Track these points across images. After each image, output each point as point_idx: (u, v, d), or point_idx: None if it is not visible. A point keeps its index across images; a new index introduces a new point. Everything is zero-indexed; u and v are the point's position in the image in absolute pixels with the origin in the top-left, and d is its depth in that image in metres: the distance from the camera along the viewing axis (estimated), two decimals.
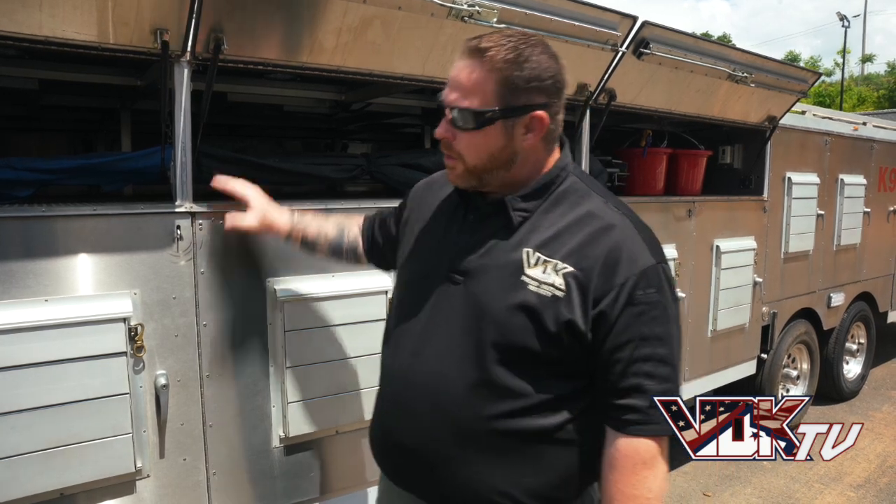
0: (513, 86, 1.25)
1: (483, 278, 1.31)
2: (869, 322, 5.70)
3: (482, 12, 2.26)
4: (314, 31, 2.05)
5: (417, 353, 1.37)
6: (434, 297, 1.37)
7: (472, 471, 1.32)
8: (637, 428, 1.26)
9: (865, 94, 32.51)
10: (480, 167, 1.31)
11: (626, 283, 1.24)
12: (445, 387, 1.32)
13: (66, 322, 1.72)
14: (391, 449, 1.45)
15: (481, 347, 1.29)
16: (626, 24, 2.79)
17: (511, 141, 1.30)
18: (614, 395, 1.27)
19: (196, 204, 1.95)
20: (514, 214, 1.33)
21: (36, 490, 1.73)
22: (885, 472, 4.28)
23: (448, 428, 1.32)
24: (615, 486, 1.27)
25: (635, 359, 1.25)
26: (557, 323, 1.25)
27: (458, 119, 1.28)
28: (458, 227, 1.41)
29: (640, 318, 1.25)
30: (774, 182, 4.17)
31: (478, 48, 1.26)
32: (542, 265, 1.27)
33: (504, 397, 1.28)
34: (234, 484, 2.09)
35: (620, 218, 1.32)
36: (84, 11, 1.69)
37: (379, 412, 1.52)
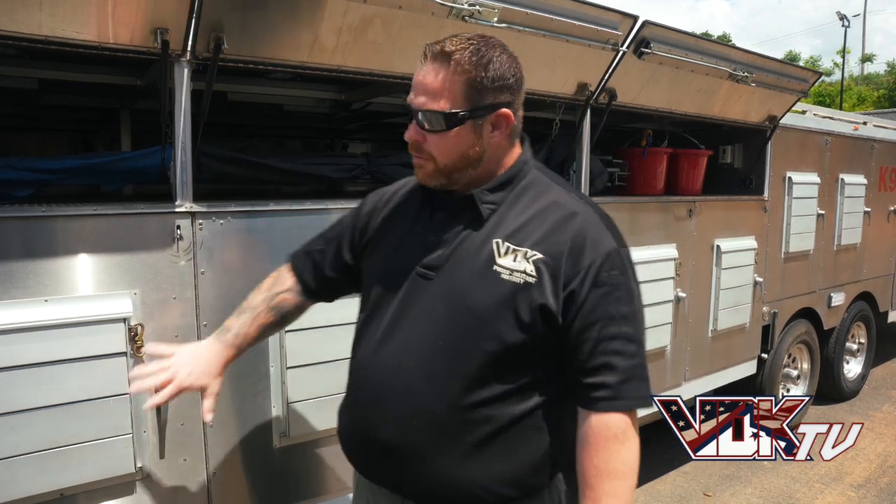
0: (480, 86, 1.30)
1: (456, 271, 1.35)
2: (869, 322, 5.69)
3: (483, 12, 2.26)
4: (314, 31, 2.04)
5: (389, 349, 1.39)
6: (403, 293, 1.40)
7: (446, 462, 1.34)
8: (608, 404, 1.30)
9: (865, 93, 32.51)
10: (451, 166, 1.35)
11: (592, 265, 1.30)
12: (419, 380, 1.35)
13: (66, 322, 1.72)
14: (365, 445, 1.45)
15: (457, 339, 1.32)
16: (627, 24, 2.78)
17: (479, 139, 1.34)
18: (585, 374, 1.32)
19: (196, 204, 1.95)
20: (483, 207, 1.37)
21: (36, 490, 1.73)
22: (885, 472, 4.27)
23: (423, 421, 1.34)
24: (590, 461, 1.31)
25: (603, 337, 1.30)
26: (531, 308, 1.30)
27: (428, 121, 1.32)
28: (424, 226, 1.44)
29: (606, 299, 1.30)
30: (775, 182, 4.16)
31: (443, 51, 1.29)
32: (512, 254, 1.32)
33: (478, 387, 1.32)
34: (234, 484, 2.09)
35: (583, 206, 1.38)
36: (84, 11, 1.69)
37: (350, 409, 1.52)
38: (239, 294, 2.02)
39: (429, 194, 1.45)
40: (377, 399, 1.40)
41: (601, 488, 1.29)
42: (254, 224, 2.06)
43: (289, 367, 2.12)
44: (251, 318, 1.64)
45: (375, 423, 1.40)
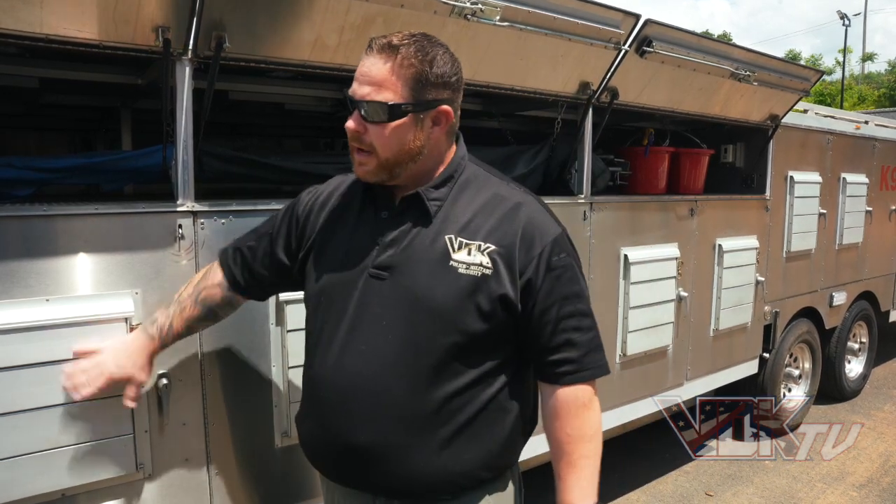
0: (424, 81, 1.33)
1: (411, 270, 1.37)
2: (871, 321, 5.69)
3: (485, 10, 2.25)
4: (316, 29, 2.04)
5: (350, 354, 1.40)
6: (358, 296, 1.40)
7: (422, 456, 1.38)
8: (573, 377, 1.41)
9: (866, 92, 32.50)
10: (392, 160, 1.37)
11: (543, 251, 1.38)
12: (387, 380, 1.37)
13: (67, 322, 1.72)
14: (335, 450, 1.45)
15: (420, 336, 1.35)
16: (629, 23, 2.78)
17: (420, 133, 1.37)
18: (549, 353, 1.41)
19: (198, 203, 1.94)
20: (430, 204, 1.40)
21: (38, 490, 1.72)
22: (887, 472, 4.27)
23: (394, 420, 1.37)
24: (562, 430, 1.42)
25: (561, 316, 1.39)
26: (491, 299, 1.35)
27: (371, 112, 1.33)
28: (369, 226, 1.45)
29: (559, 281, 1.39)
30: (777, 181, 4.16)
31: (390, 45, 1.32)
32: (465, 248, 1.36)
33: (446, 379, 1.36)
34: (236, 484, 2.08)
35: (524, 196, 1.45)
36: (85, 9, 1.68)
37: (313, 417, 1.51)
38: None
39: (371, 195, 1.47)
40: (344, 404, 1.41)
41: (576, 452, 1.41)
42: (255, 223, 2.04)
43: (290, 367, 2.11)
44: (178, 312, 1.69)
45: (345, 427, 1.41)
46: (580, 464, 1.41)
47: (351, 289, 1.42)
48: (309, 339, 1.54)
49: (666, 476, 4.13)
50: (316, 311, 1.50)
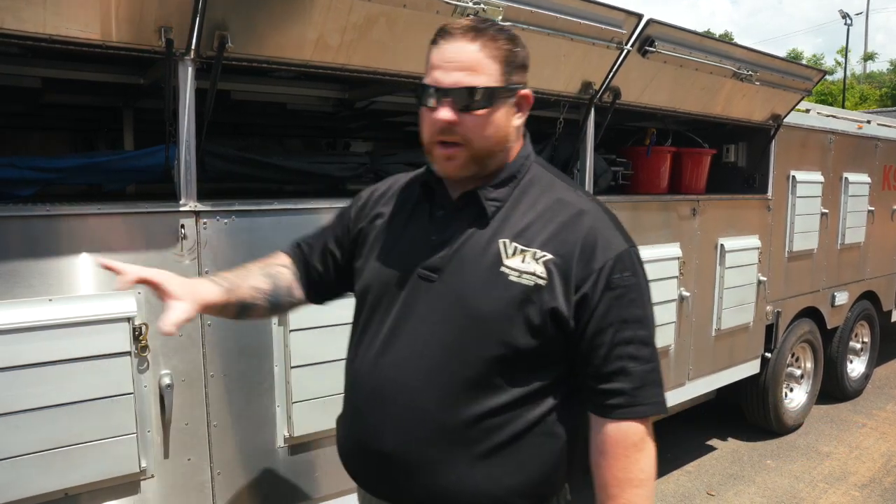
0: (512, 63, 1.26)
1: (460, 273, 1.28)
2: (873, 321, 5.68)
3: (488, 10, 2.25)
4: (319, 29, 2.04)
5: (390, 356, 1.32)
6: (404, 297, 1.33)
7: (454, 473, 1.28)
8: (624, 411, 1.26)
9: (867, 92, 32.45)
10: (486, 151, 1.28)
11: (604, 267, 1.25)
12: (424, 388, 1.28)
13: (70, 322, 1.72)
14: (366, 457, 1.38)
15: (463, 344, 1.26)
16: (632, 22, 2.78)
17: (510, 121, 1.30)
18: (598, 381, 1.27)
19: (200, 203, 1.94)
20: (488, 205, 1.31)
21: (40, 490, 1.73)
22: (889, 472, 4.26)
23: (428, 430, 1.28)
24: (608, 471, 1.27)
25: (617, 342, 1.25)
26: (542, 311, 1.24)
27: (465, 99, 1.22)
28: (423, 224, 1.37)
29: (619, 302, 1.26)
30: (778, 181, 4.15)
31: (475, 27, 1.24)
32: (520, 254, 1.26)
33: (486, 395, 1.26)
34: (238, 484, 2.09)
35: (590, 204, 1.33)
36: (88, 9, 1.69)
37: (349, 419, 1.45)
38: None
39: (428, 191, 1.39)
40: (379, 409, 1.33)
41: (622, 497, 1.26)
42: (258, 223, 2.06)
43: (293, 367, 2.11)
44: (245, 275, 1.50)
45: (377, 433, 1.33)
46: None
47: (399, 288, 1.34)
48: (352, 334, 1.47)
49: (668, 475, 4.13)
50: (362, 307, 1.43)
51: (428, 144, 1.30)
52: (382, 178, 2.65)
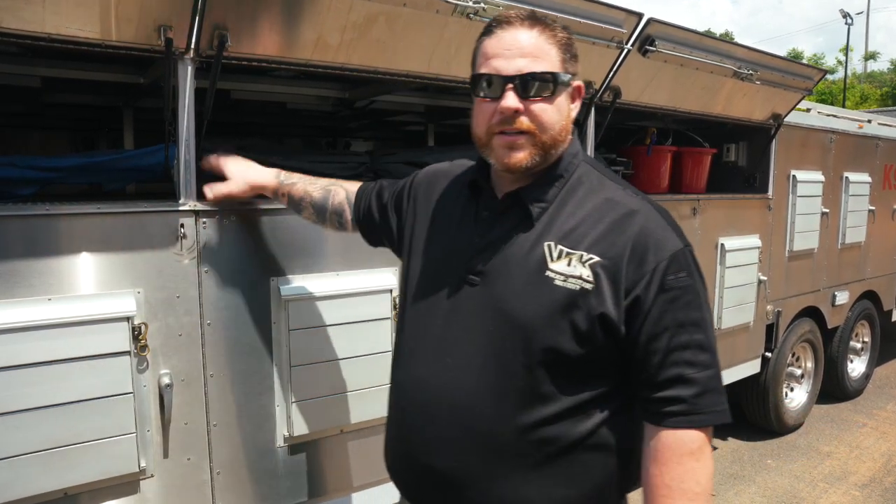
0: (569, 51, 1.25)
1: (504, 278, 1.24)
2: (873, 320, 5.68)
3: (487, 9, 2.24)
4: (318, 28, 2.03)
5: (437, 366, 1.29)
6: (450, 302, 1.29)
7: (505, 487, 1.24)
8: (682, 419, 1.18)
9: (868, 91, 32.43)
10: (551, 139, 1.23)
11: (657, 268, 1.19)
12: (471, 399, 1.24)
13: (69, 321, 1.71)
14: (414, 471, 1.34)
15: (507, 353, 1.22)
16: (632, 22, 2.77)
17: (569, 110, 1.28)
18: (654, 388, 1.20)
19: (200, 202, 1.94)
20: (533, 206, 1.26)
21: (40, 490, 1.72)
22: (890, 472, 4.26)
23: (477, 443, 1.24)
24: (661, 479, 1.19)
25: (673, 347, 1.19)
26: (589, 317, 1.18)
27: (530, 86, 1.19)
28: (470, 225, 1.34)
29: (674, 305, 1.19)
30: (779, 180, 4.15)
31: (531, 15, 1.22)
32: (565, 258, 1.21)
33: (535, 405, 1.21)
34: (238, 483, 2.08)
35: (641, 203, 1.26)
36: (87, 8, 1.68)
37: (395, 432, 1.41)
38: (243, 293, 2.03)
39: (475, 191, 1.37)
40: (428, 424, 1.29)
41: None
42: (258, 222, 2.05)
43: (293, 366, 2.11)
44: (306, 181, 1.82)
45: (427, 449, 1.29)
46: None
47: (444, 293, 1.30)
48: (396, 342, 1.45)
49: None
50: (407, 312, 1.40)
51: (485, 136, 1.26)
52: (382, 177, 2.68)
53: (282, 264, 2.10)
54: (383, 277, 2.28)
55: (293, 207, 1.87)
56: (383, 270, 2.28)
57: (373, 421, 2.31)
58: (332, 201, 1.78)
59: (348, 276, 2.22)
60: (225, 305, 2.00)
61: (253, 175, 1.88)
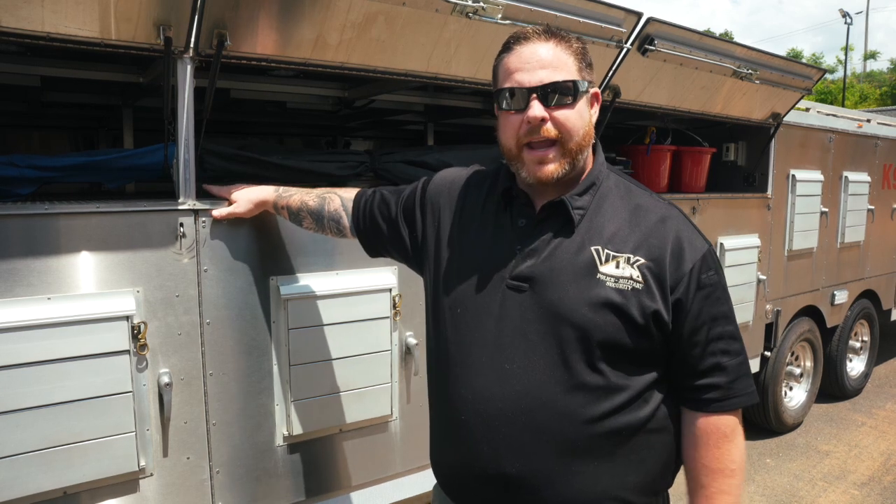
0: (584, 60, 1.32)
1: (554, 283, 1.29)
2: (872, 320, 5.68)
3: (487, 8, 2.25)
4: (318, 28, 2.04)
5: (497, 373, 1.31)
6: (498, 309, 1.33)
7: (580, 482, 1.29)
8: (719, 405, 1.32)
9: (868, 91, 32.43)
10: (577, 145, 1.30)
11: (694, 268, 1.29)
12: (538, 402, 1.28)
13: (69, 320, 1.72)
14: (484, 482, 1.35)
15: (566, 353, 1.27)
16: (631, 21, 2.77)
17: (590, 115, 1.34)
18: (695, 377, 1.32)
19: (199, 201, 1.94)
20: (575, 213, 1.33)
21: (39, 489, 1.73)
22: (889, 471, 4.27)
23: (549, 443, 1.28)
24: (700, 461, 1.33)
25: (711, 338, 1.31)
26: (644, 314, 1.27)
27: (552, 95, 1.26)
28: (506, 232, 1.38)
29: (708, 300, 1.30)
30: (778, 179, 4.15)
31: (546, 29, 1.30)
32: (613, 261, 1.29)
33: (598, 399, 1.28)
34: (237, 482, 2.09)
35: (669, 208, 1.37)
36: (86, 7, 1.68)
37: (456, 445, 1.39)
38: (242, 292, 2.04)
39: (508, 200, 1.40)
40: (493, 433, 1.31)
41: (713, 486, 1.32)
42: (256, 221, 2.05)
43: (292, 365, 2.11)
44: (303, 192, 1.88)
45: (495, 458, 1.31)
46: (717, 499, 1.32)
47: (489, 302, 1.34)
48: (438, 352, 1.44)
49: None
50: (451, 323, 1.40)
51: (515, 148, 1.32)
52: (382, 176, 2.68)
53: (281, 263, 2.11)
54: (383, 276, 2.28)
55: (293, 219, 1.93)
56: (383, 269, 2.29)
57: (372, 420, 2.32)
58: (327, 208, 1.82)
59: (348, 276, 2.22)
60: (224, 304, 2.00)
61: (254, 194, 1.97)
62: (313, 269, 2.16)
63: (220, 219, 1.96)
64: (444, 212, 1.51)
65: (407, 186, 1.66)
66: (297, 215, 1.89)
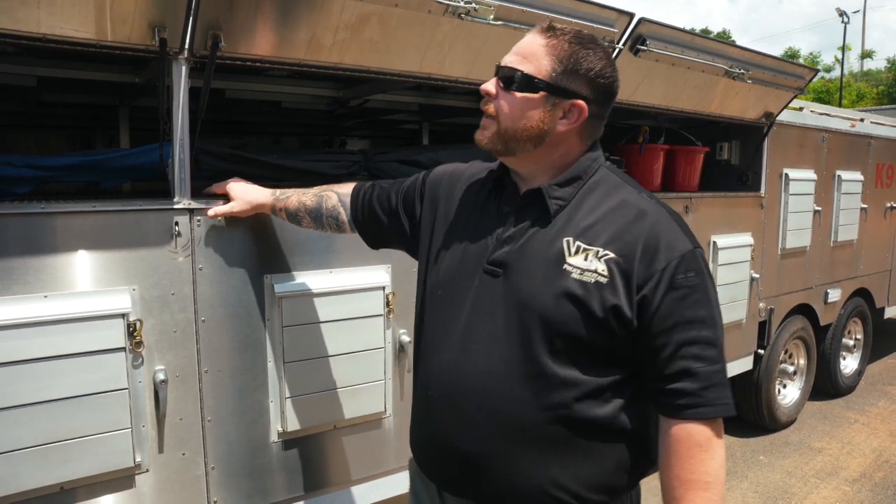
0: (569, 68, 1.30)
1: (524, 270, 1.32)
2: (866, 318, 5.72)
3: (479, 9, 2.27)
4: (312, 28, 2.06)
5: (462, 352, 1.36)
6: (473, 292, 1.37)
7: (529, 467, 1.31)
8: (689, 412, 1.27)
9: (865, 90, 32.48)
10: (511, 133, 1.34)
11: (667, 268, 1.27)
12: (495, 384, 1.31)
13: (65, 318, 1.74)
14: (443, 456, 1.40)
15: (528, 340, 1.29)
16: (623, 21, 2.79)
17: (546, 118, 1.33)
18: (663, 381, 1.28)
19: (194, 200, 1.96)
20: (551, 202, 1.35)
21: (36, 484, 1.75)
22: (880, 467, 4.30)
23: (502, 426, 1.31)
24: (672, 471, 1.29)
25: (682, 342, 1.26)
26: (604, 308, 1.26)
27: (507, 78, 1.32)
28: (491, 219, 1.41)
29: (682, 302, 1.26)
30: (772, 178, 4.18)
31: (551, 26, 1.33)
32: (582, 253, 1.29)
33: (555, 388, 1.29)
34: (232, 478, 2.11)
35: (653, 205, 1.35)
36: (82, 9, 1.70)
37: (423, 418, 1.47)
38: (237, 290, 2.06)
39: (498, 188, 1.44)
40: (454, 409, 1.36)
41: (685, 499, 1.27)
42: (252, 220, 2.08)
43: (287, 362, 2.13)
44: (300, 192, 1.90)
45: (453, 433, 1.36)
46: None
47: (468, 284, 1.38)
48: (419, 332, 1.50)
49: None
50: (431, 304, 1.46)
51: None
52: (377, 175, 2.71)
53: (275, 262, 2.13)
54: (377, 274, 2.30)
55: (291, 220, 1.95)
56: (377, 268, 2.31)
57: (366, 417, 2.34)
58: (325, 205, 1.84)
59: (342, 274, 2.24)
60: (219, 302, 2.03)
61: (252, 195, 2.00)
62: (307, 268, 2.18)
63: (216, 217, 1.98)
64: (440, 201, 1.56)
65: (406, 179, 1.70)
66: (295, 216, 1.92)
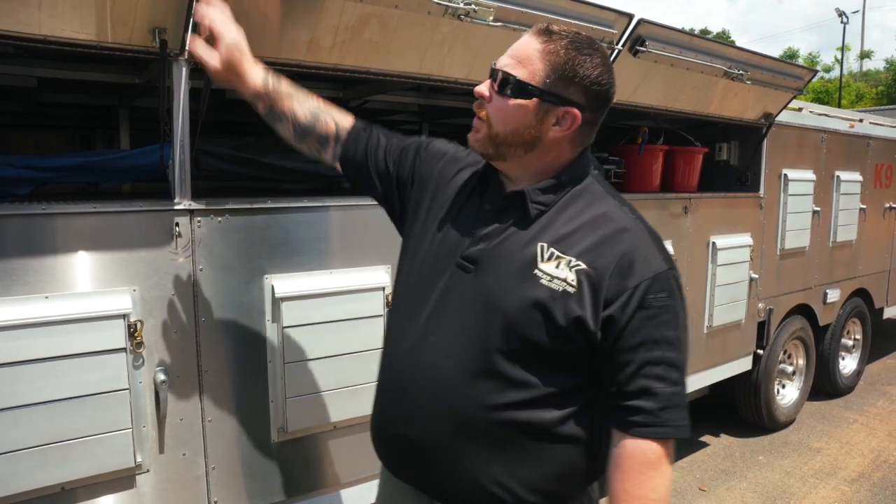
0: (564, 75, 1.29)
1: (495, 269, 1.32)
2: (865, 318, 5.72)
3: (479, 10, 2.27)
4: (311, 30, 2.06)
5: (422, 341, 1.37)
6: (443, 283, 1.37)
7: (470, 462, 1.32)
8: (644, 430, 1.27)
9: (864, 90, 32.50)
10: (502, 137, 1.33)
11: (640, 286, 1.26)
12: (447, 377, 1.33)
13: (66, 318, 1.74)
14: (390, 440, 1.44)
15: (488, 338, 1.30)
16: (623, 22, 2.80)
17: (539, 124, 1.32)
18: (623, 397, 1.28)
19: (195, 201, 1.97)
20: (532, 206, 1.34)
21: (37, 485, 1.75)
22: (879, 467, 4.31)
23: (447, 418, 1.33)
24: (621, 485, 1.29)
25: (646, 361, 1.26)
26: (567, 318, 1.26)
27: (501, 82, 1.31)
28: (472, 215, 1.41)
29: (651, 322, 1.26)
30: (771, 179, 4.19)
31: (547, 29, 1.31)
32: (555, 260, 1.29)
33: (506, 389, 1.29)
34: (232, 478, 2.11)
35: (634, 222, 1.34)
36: (83, 11, 1.71)
37: (379, 401, 1.50)
38: (237, 291, 2.06)
39: (484, 184, 1.44)
40: (407, 395, 1.38)
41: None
42: (252, 221, 2.08)
43: (287, 363, 2.14)
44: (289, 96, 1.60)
45: (404, 419, 1.38)
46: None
47: (439, 275, 1.38)
48: (392, 314, 1.52)
49: None
50: (404, 289, 1.48)
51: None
52: None
53: (275, 263, 2.13)
54: (376, 275, 2.31)
55: (269, 119, 1.64)
56: (376, 268, 2.32)
57: (366, 417, 2.33)
58: (317, 129, 1.63)
59: (341, 274, 2.25)
60: (219, 303, 2.03)
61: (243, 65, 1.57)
62: (307, 269, 2.19)
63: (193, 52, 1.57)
64: (431, 180, 1.54)
65: (404, 141, 1.63)
66: (277, 118, 1.63)
